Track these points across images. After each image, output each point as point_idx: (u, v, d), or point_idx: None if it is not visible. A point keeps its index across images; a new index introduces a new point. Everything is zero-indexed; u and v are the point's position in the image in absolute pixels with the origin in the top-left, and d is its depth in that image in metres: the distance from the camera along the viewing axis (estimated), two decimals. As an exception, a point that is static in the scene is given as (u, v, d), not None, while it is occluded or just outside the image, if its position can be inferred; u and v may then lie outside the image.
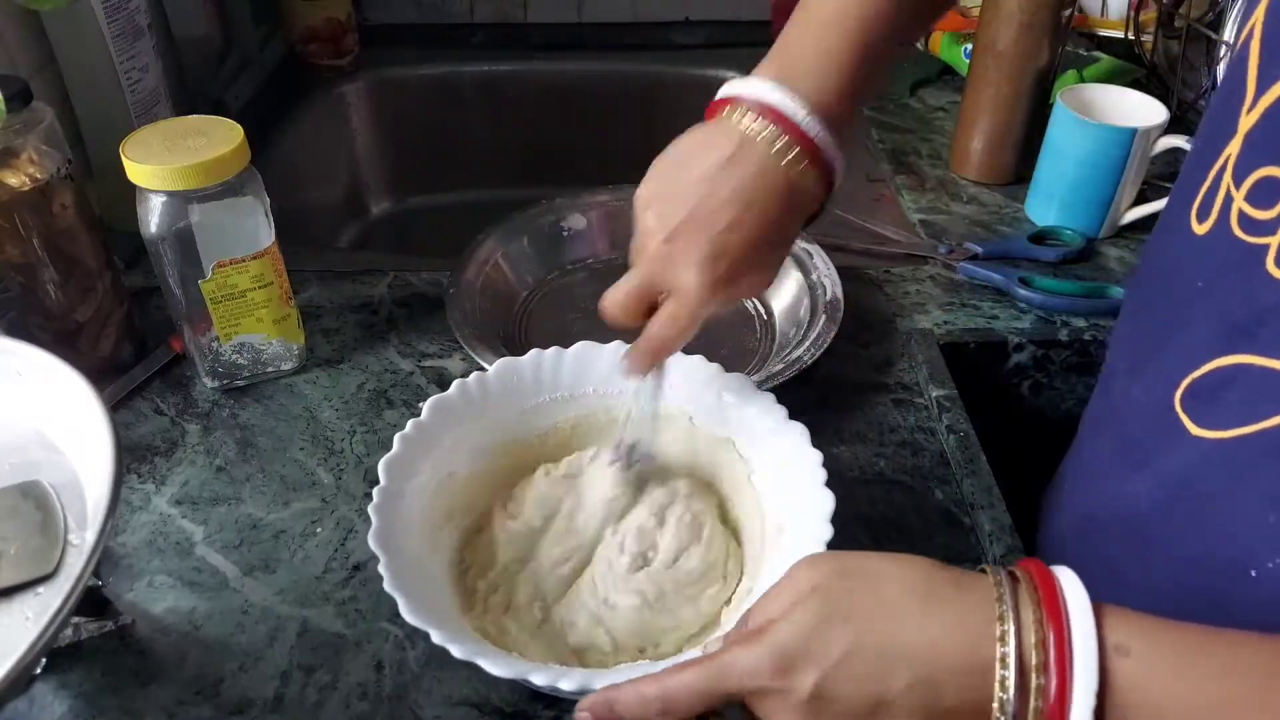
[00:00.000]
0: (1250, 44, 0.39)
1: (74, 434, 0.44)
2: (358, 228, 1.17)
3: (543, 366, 0.55)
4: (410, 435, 0.49)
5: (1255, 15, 0.39)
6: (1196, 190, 0.42)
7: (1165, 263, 0.45)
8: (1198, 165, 0.43)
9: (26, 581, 0.41)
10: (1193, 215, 0.42)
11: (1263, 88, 0.38)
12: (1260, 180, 0.38)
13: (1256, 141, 0.38)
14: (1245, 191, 0.38)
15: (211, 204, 0.57)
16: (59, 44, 0.74)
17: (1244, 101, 0.39)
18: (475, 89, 1.18)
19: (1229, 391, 0.40)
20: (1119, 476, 0.48)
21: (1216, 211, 0.40)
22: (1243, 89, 0.39)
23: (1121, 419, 0.48)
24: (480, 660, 0.40)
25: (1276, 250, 0.37)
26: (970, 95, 0.87)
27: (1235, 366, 0.39)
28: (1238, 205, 0.39)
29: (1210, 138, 0.42)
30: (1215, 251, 0.40)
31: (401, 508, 0.47)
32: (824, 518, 0.44)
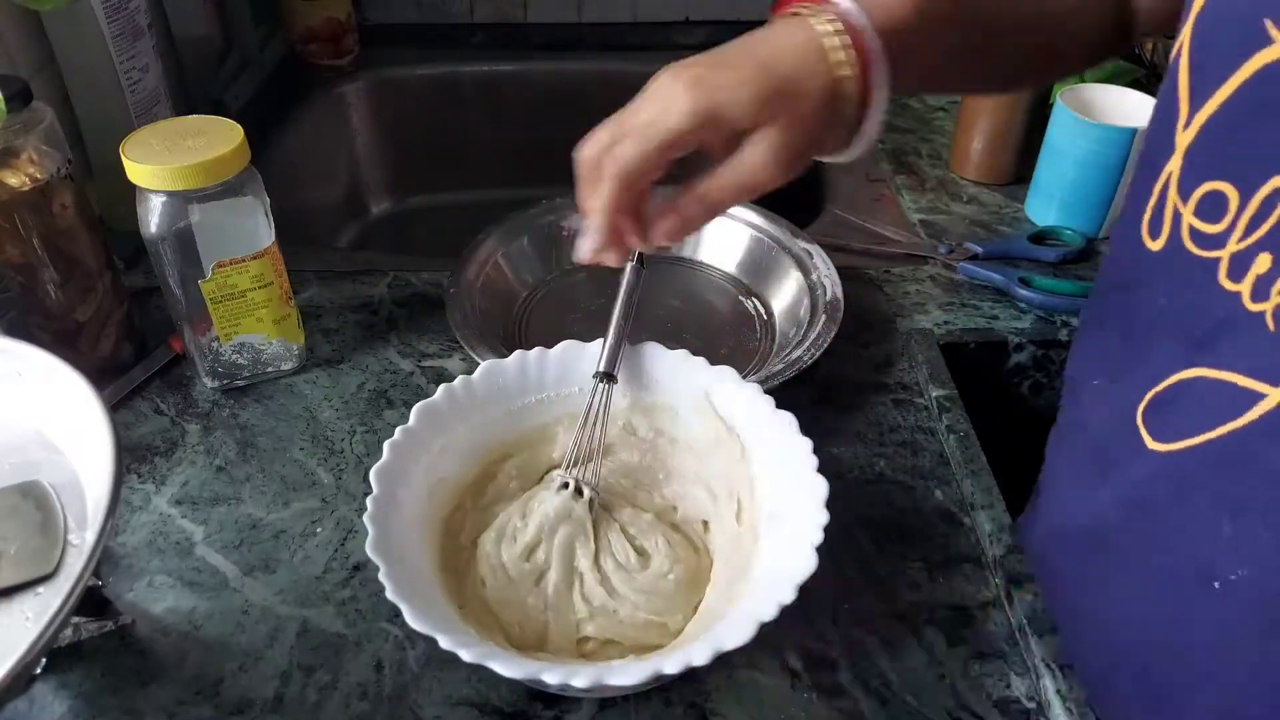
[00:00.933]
0: (1179, 62, 0.40)
1: (74, 434, 0.44)
2: (358, 228, 1.17)
3: (528, 367, 0.54)
4: (399, 442, 0.49)
5: (1182, 35, 0.40)
6: (1144, 207, 0.43)
7: (1126, 278, 0.45)
8: (1141, 183, 0.43)
9: (26, 581, 0.41)
10: (1144, 232, 0.43)
11: (1196, 105, 0.39)
12: (1206, 194, 0.38)
13: (1197, 157, 0.39)
14: (1193, 206, 0.39)
15: (211, 204, 0.57)
16: (59, 44, 0.74)
17: (1178, 119, 0.40)
18: (475, 89, 1.18)
19: (1182, 403, 0.40)
20: (1084, 489, 0.48)
21: (1167, 228, 0.41)
22: (1176, 106, 0.40)
23: (1088, 432, 0.48)
24: (492, 663, 0.39)
25: (1227, 264, 0.37)
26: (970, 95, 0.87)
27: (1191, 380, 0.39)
28: (1187, 220, 0.39)
29: (1150, 156, 0.42)
30: (1172, 267, 0.41)
31: (397, 514, 0.47)
32: (819, 503, 0.44)
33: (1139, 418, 0.43)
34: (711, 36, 1.23)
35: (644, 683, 0.40)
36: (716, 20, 1.26)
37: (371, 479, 0.47)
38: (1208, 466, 0.39)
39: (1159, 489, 0.42)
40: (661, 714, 0.46)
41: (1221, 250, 0.38)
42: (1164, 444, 0.41)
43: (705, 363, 0.54)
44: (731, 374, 0.53)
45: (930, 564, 0.54)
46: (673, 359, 0.54)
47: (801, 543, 0.43)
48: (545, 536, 0.49)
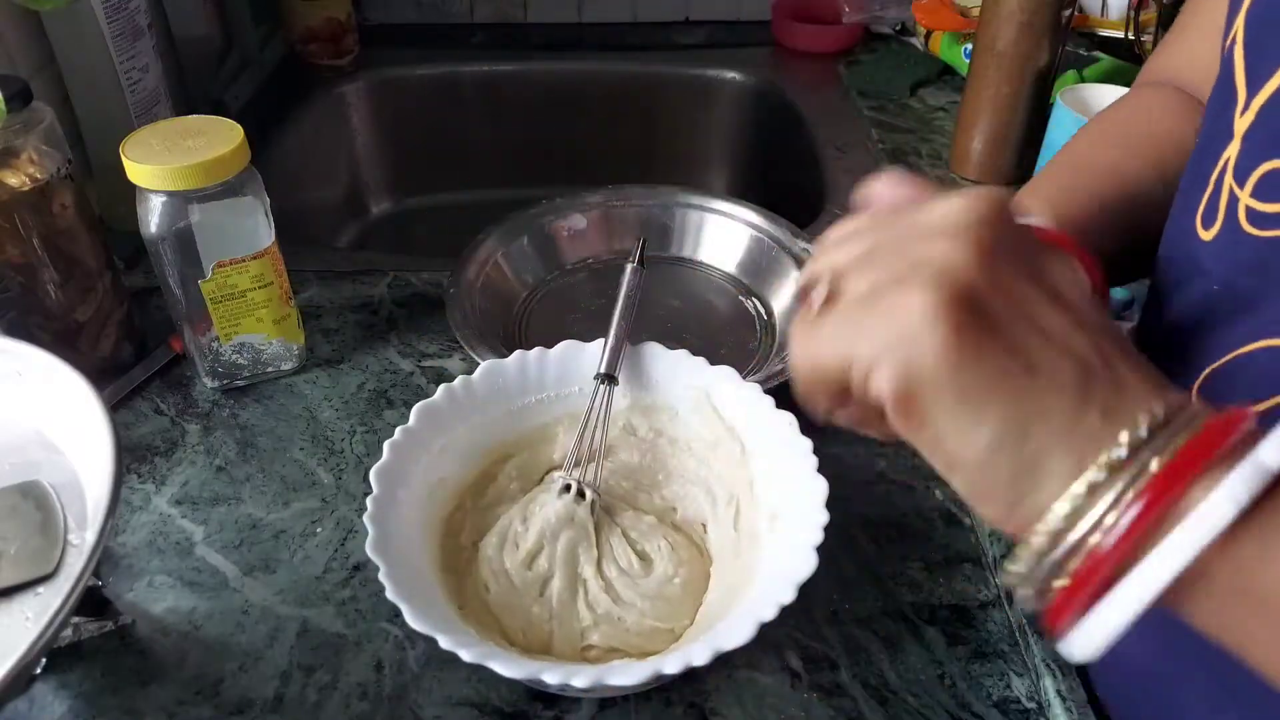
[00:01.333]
0: (1234, 51, 0.40)
1: (74, 434, 0.44)
2: (358, 228, 1.17)
3: (528, 367, 0.54)
4: (399, 442, 0.49)
5: (1236, 25, 0.40)
6: (1200, 197, 0.42)
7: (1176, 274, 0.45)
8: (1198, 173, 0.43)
9: (26, 581, 0.41)
10: (1198, 223, 0.42)
11: (1254, 89, 0.38)
12: (1266, 174, 0.38)
13: (1256, 139, 0.38)
14: (1251, 188, 0.38)
15: (211, 204, 0.57)
16: (59, 44, 0.74)
17: (1236, 105, 0.39)
18: (475, 89, 1.18)
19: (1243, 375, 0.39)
20: None
21: (1222, 214, 0.40)
22: (1233, 95, 0.40)
23: None
24: (492, 663, 0.39)
25: None
26: (970, 95, 0.87)
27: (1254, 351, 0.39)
28: (1244, 203, 0.39)
29: (1207, 145, 0.42)
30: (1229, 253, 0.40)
31: (397, 515, 0.47)
32: (819, 504, 0.44)
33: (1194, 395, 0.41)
34: (711, 36, 1.24)
35: (644, 683, 0.40)
36: (716, 20, 1.26)
37: (371, 479, 0.47)
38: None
39: None
40: (661, 714, 0.46)
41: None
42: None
43: (705, 363, 0.54)
44: (731, 374, 0.53)
45: (930, 564, 0.54)
46: (673, 359, 0.54)
47: (801, 543, 0.43)
48: (548, 542, 0.49)
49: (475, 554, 0.51)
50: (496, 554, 0.50)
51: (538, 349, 0.55)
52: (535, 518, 0.50)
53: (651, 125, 1.21)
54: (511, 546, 0.50)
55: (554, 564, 0.49)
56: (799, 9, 1.20)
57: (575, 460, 0.52)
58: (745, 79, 1.17)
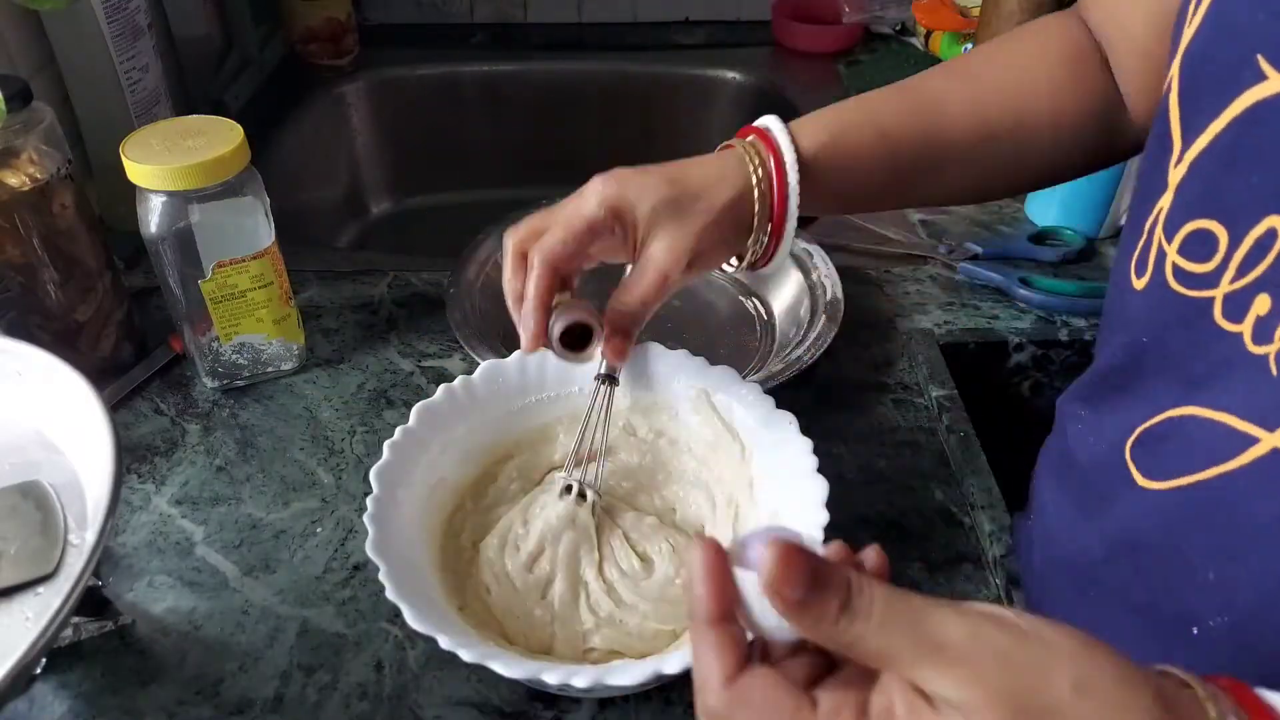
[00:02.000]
0: (1169, 97, 0.39)
1: (74, 434, 0.44)
2: (358, 228, 1.17)
3: (528, 367, 0.54)
4: (399, 442, 0.49)
5: (1171, 69, 0.39)
6: (1135, 245, 0.42)
7: (1114, 317, 0.45)
8: (1136, 220, 0.42)
9: (26, 581, 0.41)
10: (1131, 271, 0.42)
11: (1187, 141, 0.38)
12: (1192, 233, 0.37)
13: (1186, 194, 0.38)
14: (1177, 245, 0.38)
15: (211, 204, 0.57)
16: (59, 44, 0.74)
17: (1171, 154, 0.39)
18: (475, 89, 1.18)
19: (1173, 441, 0.39)
20: (1073, 522, 0.47)
21: (1151, 266, 0.40)
22: (1168, 143, 0.39)
23: (1078, 465, 0.47)
24: (492, 663, 0.39)
25: (1222, 303, 0.36)
26: (970, 95, 0.87)
27: (1183, 418, 0.39)
28: (1171, 259, 0.38)
29: (1143, 193, 0.42)
30: (1157, 306, 0.40)
31: (397, 515, 0.47)
32: (819, 504, 0.44)
33: (1127, 453, 0.42)
34: (711, 36, 1.24)
35: (644, 683, 0.40)
36: (716, 20, 1.26)
37: (371, 479, 0.47)
38: (1195, 509, 0.38)
39: (1147, 528, 0.41)
40: (661, 714, 0.46)
41: (1214, 290, 0.36)
42: (1154, 481, 0.40)
43: (705, 363, 0.54)
44: (731, 374, 0.53)
45: (930, 564, 0.54)
46: (673, 359, 0.54)
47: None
48: (549, 544, 0.49)
49: (476, 554, 0.51)
50: (498, 556, 0.50)
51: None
52: (536, 520, 0.50)
53: (651, 125, 1.21)
54: (513, 549, 0.50)
55: (555, 567, 0.49)
56: (799, 9, 1.20)
57: (575, 461, 0.52)
58: (745, 79, 1.17)
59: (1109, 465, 0.43)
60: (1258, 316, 0.35)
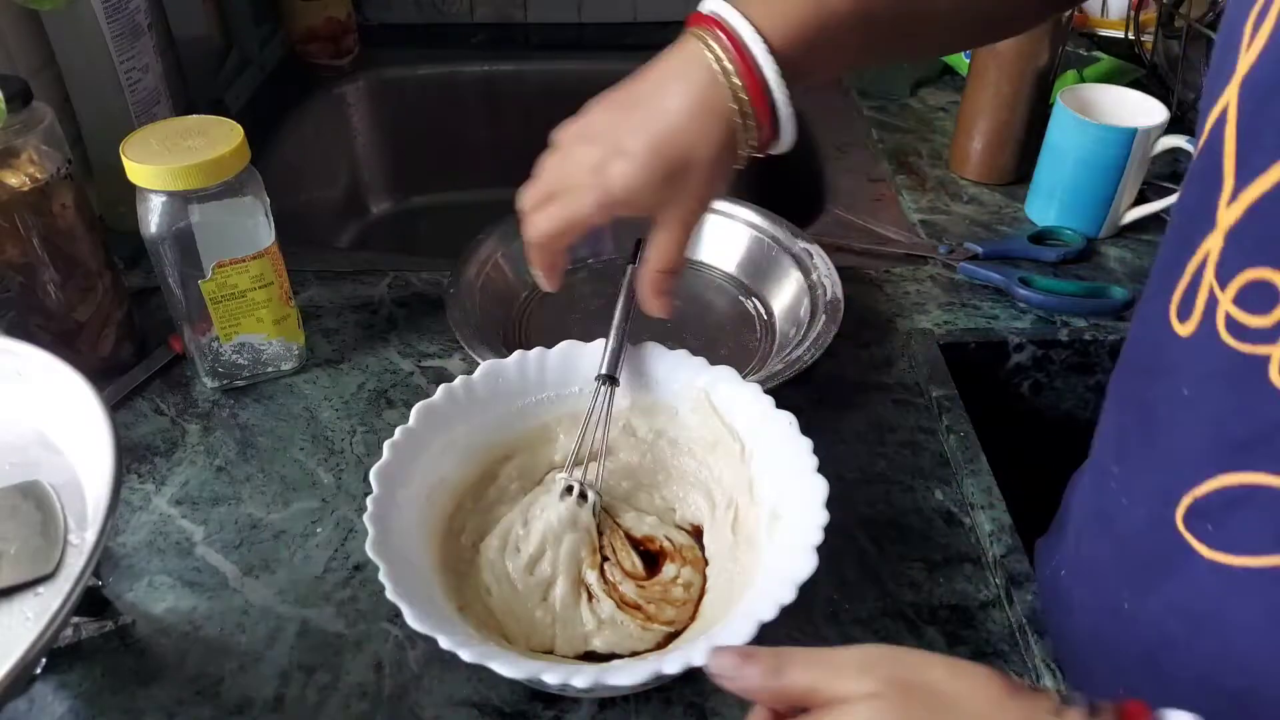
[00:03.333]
0: (1225, 127, 0.36)
1: (74, 434, 0.44)
2: (358, 228, 1.17)
3: (528, 367, 0.54)
4: (399, 442, 0.49)
5: (1227, 93, 0.36)
6: (1175, 285, 0.39)
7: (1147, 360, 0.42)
8: (1174, 258, 0.39)
9: (26, 581, 0.41)
10: (1172, 314, 0.39)
11: (1244, 179, 0.35)
12: (1251, 284, 0.34)
13: (1241, 240, 0.35)
14: (1233, 294, 0.35)
15: (211, 204, 0.57)
16: (59, 44, 0.74)
17: (1221, 191, 0.36)
18: (475, 89, 1.18)
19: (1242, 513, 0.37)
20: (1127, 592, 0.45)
21: (1200, 313, 0.37)
22: (1219, 178, 0.36)
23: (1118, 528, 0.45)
24: (491, 663, 0.39)
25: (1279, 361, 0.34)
26: (970, 95, 0.87)
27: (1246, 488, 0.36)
28: (1224, 308, 0.36)
29: (1187, 227, 0.39)
30: (1202, 358, 0.37)
31: (397, 514, 0.47)
32: (819, 504, 0.44)
33: (1180, 523, 0.39)
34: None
35: (643, 683, 0.40)
36: (716, 20, 1.26)
37: (371, 479, 0.47)
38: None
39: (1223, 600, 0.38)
40: (661, 714, 0.46)
41: (1272, 346, 0.34)
42: (1226, 555, 0.38)
43: (705, 363, 0.54)
44: (731, 374, 0.53)
45: (930, 564, 0.54)
46: (673, 359, 0.54)
47: (801, 543, 0.43)
48: (550, 546, 0.49)
49: (476, 554, 0.50)
50: (498, 557, 0.49)
51: (538, 349, 0.55)
52: (537, 521, 0.50)
53: (651, 125, 1.20)
54: (513, 550, 0.50)
55: (557, 568, 0.49)
56: (799, 9, 1.20)
57: (576, 461, 0.52)
58: (745, 79, 1.16)
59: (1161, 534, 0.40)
60: None
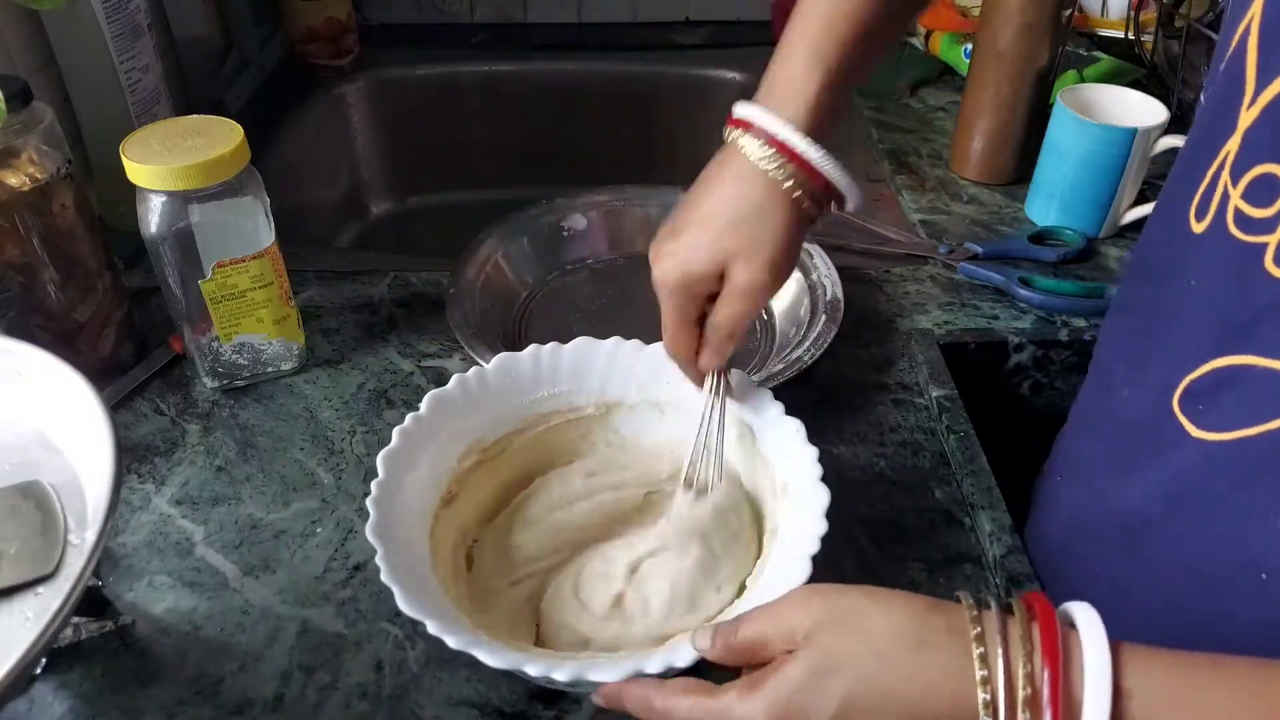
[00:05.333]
0: (1248, 39, 0.38)
1: (74, 434, 0.44)
2: (358, 228, 1.17)
3: (541, 362, 0.55)
4: (409, 429, 0.49)
5: (1252, 9, 0.38)
6: (1195, 188, 0.41)
7: (1157, 262, 0.45)
8: (1195, 162, 0.42)
9: (26, 581, 0.41)
10: (1191, 213, 0.41)
11: (1263, 83, 0.37)
12: (1258, 177, 0.37)
13: (1256, 138, 0.37)
14: (1242, 189, 0.38)
15: (211, 204, 0.57)
16: (59, 44, 0.74)
17: (1243, 97, 0.38)
18: (475, 89, 1.18)
19: (1230, 393, 0.39)
20: (1114, 478, 0.47)
21: (1214, 210, 0.40)
22: (1241, 85, 0.38)
23: (1117, 420, 0.47)
24: (475, 651, 0.40)
25: (1275, 249, 0.36)
26: (970, 95, 0.87)
27: (1235, 367, 0.39)
28: (1234, 203, 0.38)
29: (1208, 134, 0.41)
30: (1209, 250, 0.40)
31: (400, 501, 0.47)
32: (818, 514, 0.44)
33: (1175, 405, 0.42)
34: (711, 36, 1.24)
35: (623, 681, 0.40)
36: (716, 20, 1.26)
37: (378, 464, 0.47)
38: (1262, 458, 0.38)
39: (1208, 479, 0.41)
40: (661, 714, 0.46)
41: (1270, 235, 0.36)
42: (1211, 433, 0.40)
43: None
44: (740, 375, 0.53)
45: (930, 564, 0.54)
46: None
47: (797, 552, 0.43)
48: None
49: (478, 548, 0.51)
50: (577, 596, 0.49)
51: (552, 344, 0.55)
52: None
53: (651, 125, 1.21)
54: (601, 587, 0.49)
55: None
56: (799, 9, 1.20)
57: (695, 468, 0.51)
58: (745, 79, 1.16)
59: (1156, 418, 0.43)
60: None
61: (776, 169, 0.46)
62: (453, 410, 0.52)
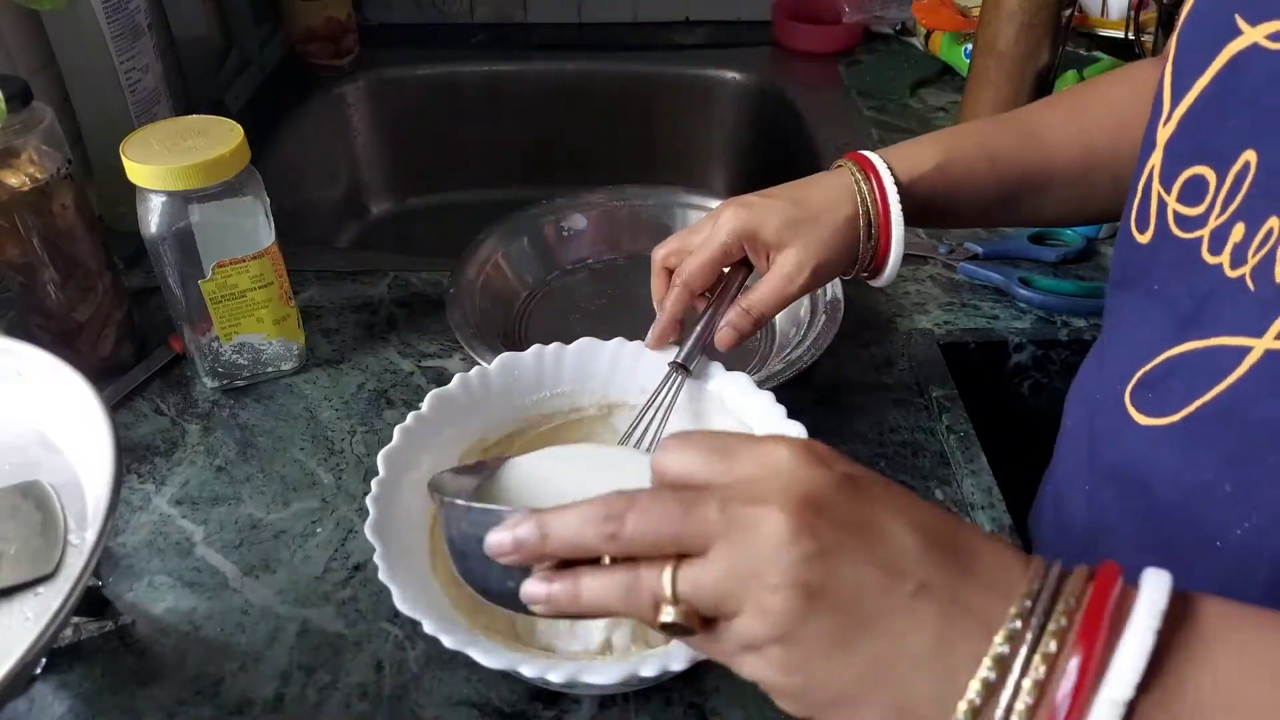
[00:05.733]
0: (1165, 68, 0.43)
1: (74, 434, 0.44)
2: (358, 228, 1.17)
3: (544, 362, 0.55)
4: (410, 428, 0.49)
5: (1169, 45, 0.43)
6: (1132, 204, 0.45)
7: (1122, 273, 0.47)
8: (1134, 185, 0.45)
9: (26, 581, 0.41)
10: (1133, 227, 0.45)
11: (1176, 101, 0.41)
12: (1188, 180, 0.40)
13: (1177, 149, 0.41)
14: (1175, 194, 0.41)
15: (211, 204, 0.57)
16: (59, 44, 0.74)
17: (1160, 117, 0.42)
18: (475, 89, 1.18)
19: (1173, 379, 0.41)
20: (1077, 478, 0.49)
21: (1154, 219, 0.43)
22: (1160, 107, 0.43)
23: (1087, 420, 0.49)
24: (471, 650, 0.40)
25: (1208, 240, 0.39)
26: (970, 95, 0.87)
27: (1181, 354, 0.41)
28: (1171, 208, 0.42)
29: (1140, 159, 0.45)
30: (1161, 254, 0.43)
31: (400, 500, 0.47)
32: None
33: (1127, 397, 0.44)
34: (711, 36, 1.24)
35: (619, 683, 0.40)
36: (716, 20, 1.26)
37: (379, 462, 0.47)
38: (1201, 431, 0.39)
39: (1153, 465, 0.42)
40: (661, 714, 0.46)
41: (1203, 229, 0.40)
42: (1154, 419, 0.42)
43: (721, 366, 0.54)
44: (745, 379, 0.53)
45: (930, 564, 0.54)
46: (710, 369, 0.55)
47: None
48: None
49: None
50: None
51: (555, 344, 0.55)
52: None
53: (651, 125, 1.21)
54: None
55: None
56: (799, 9, 1.20)
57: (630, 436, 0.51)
58: (745, 79, 1.17)
59: (1108, 412, 0.45)
60: (1235, 244, 0.38)
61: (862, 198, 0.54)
62: (455, 409, 0.52)
